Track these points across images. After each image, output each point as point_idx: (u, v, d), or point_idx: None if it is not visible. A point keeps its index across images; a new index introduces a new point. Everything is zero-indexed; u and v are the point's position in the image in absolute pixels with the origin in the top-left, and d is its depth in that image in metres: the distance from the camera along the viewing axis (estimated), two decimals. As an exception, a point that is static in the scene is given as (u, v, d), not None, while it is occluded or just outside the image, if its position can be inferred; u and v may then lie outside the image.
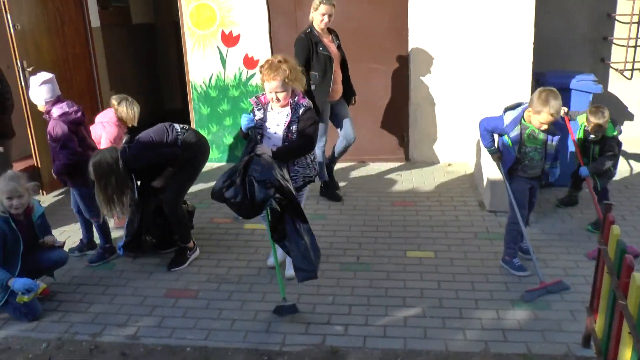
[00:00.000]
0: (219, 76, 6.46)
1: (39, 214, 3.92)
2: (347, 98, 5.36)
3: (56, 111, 4.20)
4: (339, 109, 5.30)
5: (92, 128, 4.69)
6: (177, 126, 4.24)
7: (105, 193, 3.95)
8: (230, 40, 6.32)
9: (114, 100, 4.81)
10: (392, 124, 6.41)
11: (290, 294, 3.76)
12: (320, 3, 4.87)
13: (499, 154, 4.00)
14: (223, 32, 6.30)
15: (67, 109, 4.22)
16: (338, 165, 6.33)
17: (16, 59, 5.47)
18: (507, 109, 3.94)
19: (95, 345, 3.39)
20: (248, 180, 3.38)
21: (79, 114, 4.27)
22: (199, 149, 4.28)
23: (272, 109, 3.75)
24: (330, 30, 5.15)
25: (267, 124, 3.76)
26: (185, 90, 6.80)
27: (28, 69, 5.50)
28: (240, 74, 6.43)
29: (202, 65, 6.46)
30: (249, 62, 6.38)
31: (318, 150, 5.06)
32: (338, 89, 5.17)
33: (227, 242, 4.64)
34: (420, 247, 4.45)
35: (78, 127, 4.27)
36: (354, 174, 6.21)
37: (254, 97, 3.85)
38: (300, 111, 3.68)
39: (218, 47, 6.35)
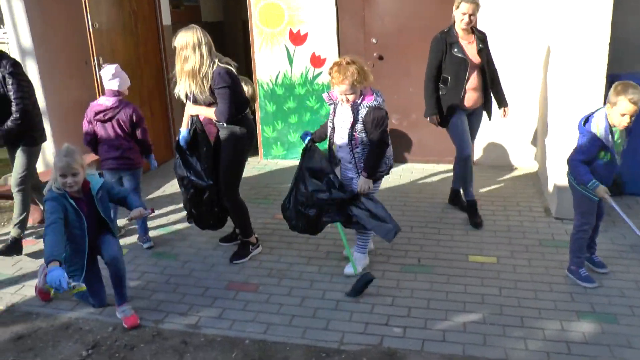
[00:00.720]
0: (285, 74, 6.54)
1: (98, 187, 3.66)
2: (487, 111, 4.89)
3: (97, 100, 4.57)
4: (470, 121, 4.83)
5: None
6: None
7: (185, 64, 3.88)
8: (297, 38, 6.39)
9: None
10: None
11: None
12: (461, 1, 4.47)
13: (606, 188, 3.52)
14: (291, 31, 6.38)
15: (99, 102, 4.53)
16: (402, 166, 6.31)
17: (93, 56, 5.77)
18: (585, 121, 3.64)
19: (157, 332, 3.51)
20: (297, 208, 3.95)
21: (92, 112, 4.48)
22: (252, 133, 4.23)
23: (341, 104, 3.84)
24: (474, 32, 4.69)
25: (335, 119, 3.90)
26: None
27: (103, 65, 5.77)
28: (307, 72, 6.49)
29: (269, 63, 6.56)
30: (316, 61, 6.43)
31: (464, 161, 4.75)
32: (473, 98, 4.71)
33: (289, 238, 4.69)
34: (483, 251, 4.36)
35: (100, 122, 4.50)
36: (418, 174, 6.15)
37: (326, 93, 3.93)
38: (363, 112, 3.71)
39: (285, 46, 6.44)
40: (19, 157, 4.59)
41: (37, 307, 3.85)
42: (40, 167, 6.17)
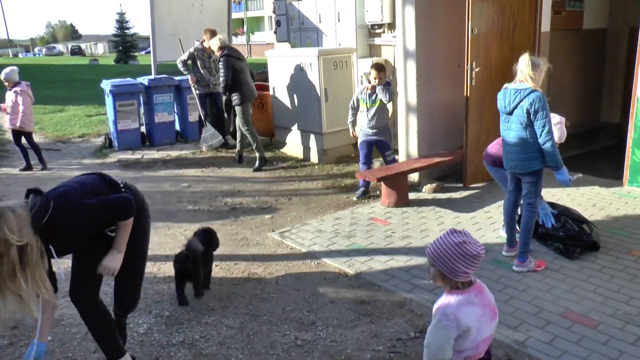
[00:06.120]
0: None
1: None
2: None
3: None
4: None
5: None
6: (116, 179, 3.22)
7: None
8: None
9: None
10: None
11: None
12: None
13: None
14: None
15: None
16: None
17: (467, 60, 6.00)
18: None
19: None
20: None
21: None
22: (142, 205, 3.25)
23: None
24: None
25: None
26: (627, 104, 6.24)
27: (475, 69, 5.99)
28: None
29: (655, 79, 5.79)
30: None
31: None
32: None
33: (643, 279, 4.12)
34: None
35: None
36: None
37: None
38: None
39: (680, 60, 5.59)
40: None
41: (380, 281, 4.27)
42: (402, 157, 6.77)
